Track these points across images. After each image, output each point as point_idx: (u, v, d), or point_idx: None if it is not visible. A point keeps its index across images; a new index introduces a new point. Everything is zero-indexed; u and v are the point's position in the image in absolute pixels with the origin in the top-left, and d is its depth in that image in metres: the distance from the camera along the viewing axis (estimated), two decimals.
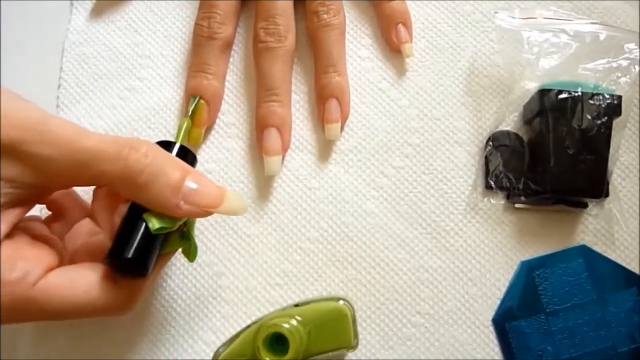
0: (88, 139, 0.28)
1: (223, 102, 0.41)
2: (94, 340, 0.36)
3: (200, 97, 0.39)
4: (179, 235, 0.32)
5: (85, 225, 0.33)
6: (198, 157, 0.39)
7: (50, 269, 0.28)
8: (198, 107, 0.38)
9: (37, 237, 0.30)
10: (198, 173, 0.30)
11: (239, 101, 0.41)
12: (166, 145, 0.33)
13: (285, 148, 0.39)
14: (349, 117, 0.40)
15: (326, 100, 0.39)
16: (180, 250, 0.33)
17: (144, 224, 0.29)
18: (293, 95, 0.41)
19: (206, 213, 0.30)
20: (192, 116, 0.38)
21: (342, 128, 0.40)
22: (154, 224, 0.29)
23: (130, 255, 0.29)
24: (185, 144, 0.34)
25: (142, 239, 0.29)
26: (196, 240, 0.33)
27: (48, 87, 0.41)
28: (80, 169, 0.28)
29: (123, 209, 0.31)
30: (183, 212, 0.29)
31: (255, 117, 0.39)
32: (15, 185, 0.27)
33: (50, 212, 0.34)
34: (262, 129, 0.38)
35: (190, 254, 0.32)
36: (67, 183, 0.29)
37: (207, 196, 0.30)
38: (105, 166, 0.28)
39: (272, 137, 0.38)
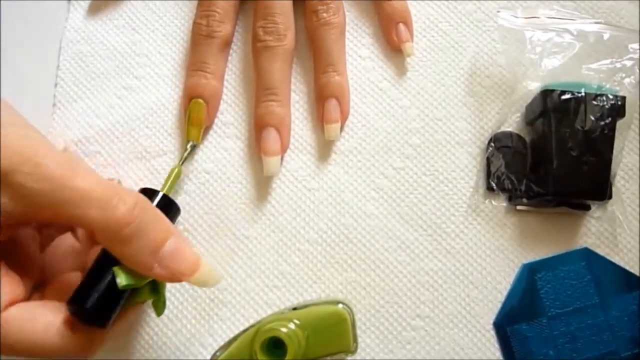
0: (82, 179, 0.27)
1: (222, 101, 0.40)
2: None
3: (199, 97, 0.38)
4: (150, 287, 0.31)
5: (66, 240, 0.32)
6: (196, 157, 0.39)
7: (14, 302, 0.28)
8: (197, 107, 0.38)
9: (20, 257, 0.30)
10: (179, 237, 0.29)
11: (237, 100, 0.40)
12: (150, 193, 0.32)
13: (284, 148, 0.39)
14: (348, 118, 0.40)
15: (325, 100, 0.39)
16: (150, 301, 0.32)
17: (111, 276, 0.28)
18: (292, 95, 0.40)
19: (177, 280, 0.29)
20: (183, 162, 0.37)
21: (341, 128, 0.40)
22: (122, 280, 0.28)
23: (89, 306, 0.28)
24: (171, 195, 0.34)
25: (106, 290, 0.28)
26: (166, 294, 0.32)
27: (45, 85, 0.40)
28: (66, 208, 0.27)
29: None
30: (155, 275, 0.28)
31: (254, 116, 0.39)
32: None
33: None
34: (261, 129, 0.38)
35: (158, 307, 0.32)
36: (50, 218, 0.28)
37: (182, 264, 0.29)
38: (90, 211, 0.27)
39: (271, 137, 0.38)
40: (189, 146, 0.38)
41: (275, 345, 0.30)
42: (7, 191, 0.26)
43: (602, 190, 0.36)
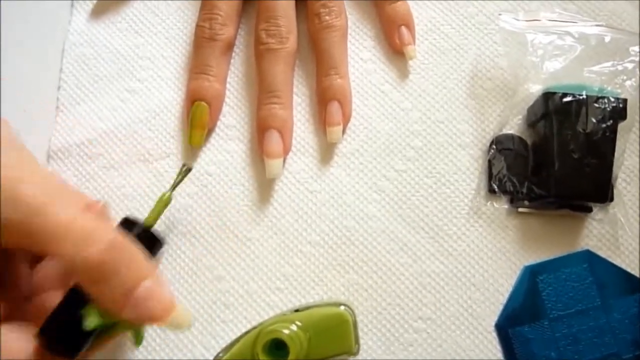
0: (60, 211, 0.26)
1: (224, 104, 0.40)
2: None
3: (202, 99, 0.38)
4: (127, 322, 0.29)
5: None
6: (199, 159, 0.39)
7: None
8: (200, 109, 0.38)
9: (9, 271, 0.29)
10: (155, 278, 0.28)
11: (239, 103, 0.41)
12: (132, 225, 0.31)
13: (286, 150, 0.39)
14: (350, 120, 0.40)
15: (328, 103, 0.39)
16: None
17: (80, 313, 0.27)
18: (294, 97, 0.40)
19: (147, 323, 0.28)
20: (175, 187, 0.35)
21: (344, 131, 0.40)
22: (91, 321, 0.27)
23: (56, 340, 0.27)
24: (154, 229, 0.32)
25: (75, 326, 0.27)
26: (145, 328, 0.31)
27: (48, 88, 0.41)
28: (41, 240, 0.26)
29: None
30: (126, 316, 0.27)
31: (256, 119, 0.39)
32: None
33: None
34: (263, 131, 0.38)
35: (137, 339, 0.31)
36: (27, 247, 0.27)
37: (155, 308, 0.27)
38: (65, 247, 0.26)
39: (273, 140, 0.38)
40: (183, 170, 0.35)
41: (278, 346, 0.30)
42: None
43: (603, 192, 0.36)
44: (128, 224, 0.31)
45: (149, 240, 0.31)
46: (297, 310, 0.33)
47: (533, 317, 0.37)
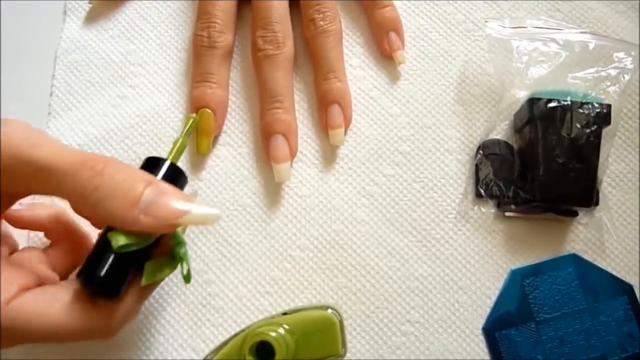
0: (45, 148, 0.27)
1: None
2: (82, 348, 0.36)
3: (206, 107, 0.39)
4: (168, 261, 0.31)
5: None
6: (188, 164, 0.40)
7: (27, 289, 0.28)
8: (205, 116, 0.38)
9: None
10: (161, 184, 0.29)
11: (230, 109, 0.41)
12: (156, 162, 0.32)
13: (292, 154, 0.39)
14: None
15: (329, 106, 0.39)
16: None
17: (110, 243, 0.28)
18: None
19: (171, 226, 0.28)
20: (188, 135, 0.35)
21: (345, 133, 0.40)
22: (118, 241, 0.28)
23: (95, 274, 0.28)
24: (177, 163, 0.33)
25: (111, 258, 0.28)
26: (188, 264, 0.31)
27: (40, 94, 0.41)
28: (36, 178, 0.27)
29: None
30: (144, 226, 0.27)
31: (260, 125, 0.39)
32: None
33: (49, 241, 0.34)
34: (269, 137, 0.38)
35: (185, 277, 0.31)
36: (26, 191, 0.28)
37: (167, 207, 0.28)
38: (59, 178, 0.27)
39: (279, 144, 0.38)
40: (191, 120, 0.36)
41: (265, 349, 0.30)
42: None
43: (588, 196, 0.36)
44: (153, 161, 0.32)
45: (176, 175, 0.32)
46: (285, 314, 0.33)
47: (520, 320, 0.37)
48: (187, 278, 0.31)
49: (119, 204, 0.27)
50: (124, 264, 0.29)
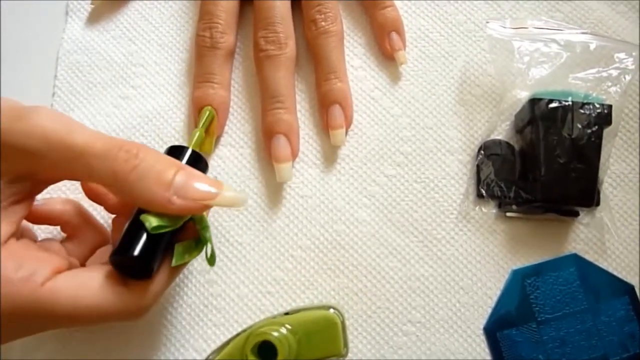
0: (79, 134, 0.28)
1: None
2: (83, 347, 0.36)
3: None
4: (194, 242, 0.32)
5: (107, 252, 0.33)
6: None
7: (60, 271, 0.28)
8: (210, 117, 0.38)
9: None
10: (190, 168, 0.30)
11: (231, 109, 0.41)
12: (179, 150, 0.33)
13: (294, 154, 0.39)
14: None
15: (329, 107, 0.39)
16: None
17: (144, 225, 0.29)
18: None
19: (203, 207, 0.29)
20: (205, 127, 0.37)
21: (346, 133, 0.40)
22: (151, 222, 0.29)
23: (132, 253, 0.29)
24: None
25: (145, 239, 0.29)
26: (211, 247, 0.32)
27: (42, 95, 0.41)
28: (70, 163, 0.28)
29: None
30: (177, 207, 0.28)
31: (262, 125, 0.39)
32: (8, 180, 0.27)
33: (65, 234, 0.35)
34: (270, 137, 0.38)
35: (209, 260, 0.33)
36: (58, 176, 0.29)
37: (200, 189, 0.29)
38: (94, 162, 0.28)
39: (281, 144, 0.38)
40: (207, 113, 0.38)
41: (267, 349, 0.30)
42: (8, 156, 0.27)
43: (589, 196, 0.36)
44: (175, 150, 0.33)
45: (199, 161, 0.34)
46: (287, 313, 0.33)
47: (521, 320, 0.37)
48: (211, 260, 0.33)
49: (153, 186, 0.28)
50: (155, 245, 0.30)
